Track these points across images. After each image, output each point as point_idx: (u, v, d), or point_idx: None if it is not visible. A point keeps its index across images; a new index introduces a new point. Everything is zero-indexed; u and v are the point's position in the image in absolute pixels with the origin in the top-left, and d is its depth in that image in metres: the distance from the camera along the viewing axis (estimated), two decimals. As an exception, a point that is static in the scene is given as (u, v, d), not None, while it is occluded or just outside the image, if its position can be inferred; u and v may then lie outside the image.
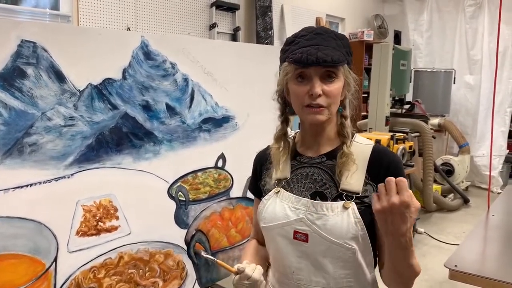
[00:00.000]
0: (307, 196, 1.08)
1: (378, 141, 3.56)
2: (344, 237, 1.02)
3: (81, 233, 1.54)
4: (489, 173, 3.17)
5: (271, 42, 4.53)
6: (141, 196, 1.71)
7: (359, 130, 4.52)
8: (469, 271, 1.55)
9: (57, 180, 1.48)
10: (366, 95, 4.87)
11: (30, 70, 1.42)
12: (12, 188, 1.38)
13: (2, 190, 1.36)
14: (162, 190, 1.79)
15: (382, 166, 1.06)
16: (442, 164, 5.44)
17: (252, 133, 2.10)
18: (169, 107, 1.81)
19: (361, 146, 1.11)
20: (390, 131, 4.25)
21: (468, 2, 6.02)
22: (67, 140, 1.51)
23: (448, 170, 5.39)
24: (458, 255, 1.70)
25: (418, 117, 4.96)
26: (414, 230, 4.16)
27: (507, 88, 5.76)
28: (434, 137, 4.87)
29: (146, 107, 1.73)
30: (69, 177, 1.52)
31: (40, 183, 1.45)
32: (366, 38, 5.74)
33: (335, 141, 1.13)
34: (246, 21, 4.55)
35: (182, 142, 1.83)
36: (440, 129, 5.51)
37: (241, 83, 2.09)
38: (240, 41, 4.34)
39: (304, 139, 1.17)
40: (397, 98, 5.06)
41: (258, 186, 1.24)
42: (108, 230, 1.61)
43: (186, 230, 1.86)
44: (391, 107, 4.72)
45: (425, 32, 6.43)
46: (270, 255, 1.19)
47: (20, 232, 1.40)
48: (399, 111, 5.17)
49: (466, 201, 5.15)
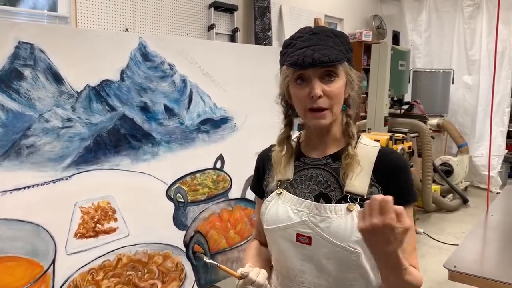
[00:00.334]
0: (311, 198, 1.06)
1: (377, 141, 3.55)
2: (347, 240, 1.00)
3: (79, 235, 1.53)
4: (488, 173, 3.17)
5: (270, 43, 4.53)
6: (139, 197, 1.71)
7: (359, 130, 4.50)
8: (468, 272, 1.54)
9: (55, 182, 1.48)
10: (365, 96, 4.87)
11: (27, 72, 1.42)
12: (9, 190, 1.38)
13: (0, 192, 1.36)
14: (160, 191, 1.78)
15: (388, 168, 1.05)
16: (441, 164, 5.44)
17: (250, 134, 2.10)
18: (167, 108, 1.81)
19: (366, 148, 1.10)
20: (389, 132, 4.25)
21: (466, 2, 6.03)
22: (65, 141, 1.51)
23: (447, 170, 5.39)
24: (457, 256, 1.70)
25: (417, 117, 4.96)
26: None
27: (506, 88, 5.77)
28: (433, 137, 4.88)
29: (144, 109, 1.73)
30: (67, 179, 1.51)
31: (38, 185, 1.44)
32: (364, 39, 5.74)
33: (341, 141, 1.11)
34: (244, 22, 4.55)
35: (180, 144, 1.83)
36: (439, 129, 5.51)
37: (239, 84, 2.09)
38: (238, 42, 4.34)
39: (309, 140, 1.15)
40: (395, 99, 5.06)
41: (261, 186, 1.22)
42: (106, 232, 1.61)
43: (184, 232, 1.86)
44: (390, 108, 4.72)
45: (423, 32, 6.44)
46: (273, 257, 1.17)
47: (17, 234, 1.39)
48: (398, 112, 5.18)
49: (465, 201, 5.15)
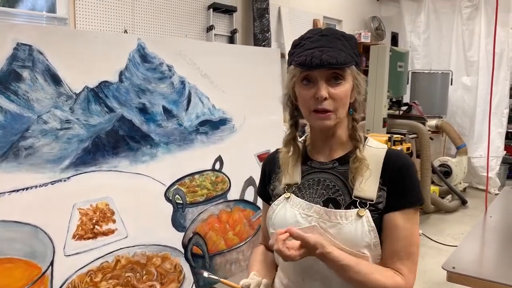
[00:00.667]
0: (319, 203, 1.05)
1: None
2: (358, 245, 0.99)
3: (77, 236, 1.53)
4: (486, 174, 3.17)
5: (269, 44, 4.53)
6: (138, 199, 1.70)
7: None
8: (467, 273, 1.54)
9: (53, 183, 1.48)
10: (363, 97, 4.87)
11: (26, 73, 1.42)
12: (8, 191, 1.38)
13: (-2, 194, 1.36)
14: (159, 193, 1.78)
15: (394, 170, 1.04)
16: (440, 165, 5.44)
17: (249, 135, 2.10)
18: (166, 110, 1.81)
19: (374, 150, 1.08)
20: (387, 133, 4.25)
21: (464, 3, 6.04)
22: (63, 143, 1.51)
23: (445, 172, 5.39)
24: (456, 257, 1.70)
25: (416, 118, 4.96)
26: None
27: (504, 89, 5.77)
28: (431, 138, 4.87)
29: (143, 110, 1.73)
30: (65, 180, 1.51)
31: (36, 187, 1.44)
32: (363, 40, 5.75)
33: (347, 145, 1.10)
34: (243, 23, 4.55)
35: (179, 145, 1.83)
36: (437, 130, 5.51)
37: (238, 85, 2.09)
38: (237, 43, 4.34)
39: (315, 143, 1.14)
40: (394, 100, 5.06)
41: (266, 190, 1.20)
42: (104, 234, 1.61)
43: (183, 233, 1.86)
44: (389, 109, 4.72)
45: (422, 33, 6.44)
46: (279, 262, 1.16)
47: (16, 236, 1.39)
48: (397, 113, 5.17)
49: (464, 202, 5.15)
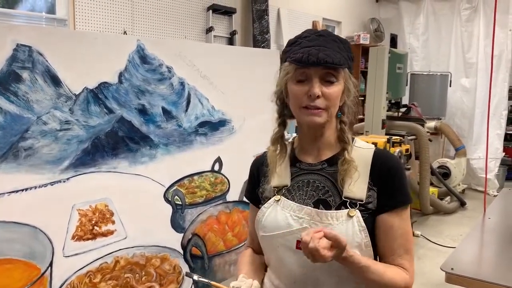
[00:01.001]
0: (310, 204, 1.05)
1: (374, 144, 3.56)
2: (349, 246, 0.99)
3: (76, 237, 1.53)
4: (485, 175, 3.17)
5: (268, 46, 4.54)
6: (137, 200, 1.71)
7: (354, 133, 4.51)
8: (465, 274, 1.54)
9: (52, 184, 1.48)
10: (362, 98, 4.88)
11: (25, 74, 1.42)
12: (7, 192, 1.38)
13: (-3, 194, 1.36)
14: (158, 194, 1.78)
15: (383, 169, 1.05)
16: (439, 167, 5.45)
17: (248, 136, 2.10)
18: (165, 111, 1.81)
19: (361, 151, 1.09)
20: (386, 134, 4.25)
21: (463, 5, 6.05)
22: (63, 144, 1.51)
23: (444, 173, 5.40)
24: (454, 258, 1.70)
25: (415, 120, 4.96)
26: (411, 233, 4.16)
27: (503, 91, 5.78)
28: (430, 140, 4.88)
29: (142, 111, 1.73)
30: (64, 181, 1.51)
31: (35, 188, 1.44)
32: (362, 42, 5.76)
33: (335, 146, 1.10)
34: (242, 24, 4.56)
35: (178, 146, 1.83)
36: (436, 132, 5.52)
37: (237, 87, 2.10)
38: (236, 44, 4.34)
39: (303, 144, 1.14)
40: (393, 101, 5.07)
41: (255, 193, 1.20)
42: (104, 235, 1.61)
43: (182, 234, 1.86)
44: (388, 110, 4.73)
45: (421, 35, 6.45)
46: (270, 265, 1.16)
47: (15, 236, 1.39)
48: (396, 114, 5.18)
49: (462, 203, 5.16)
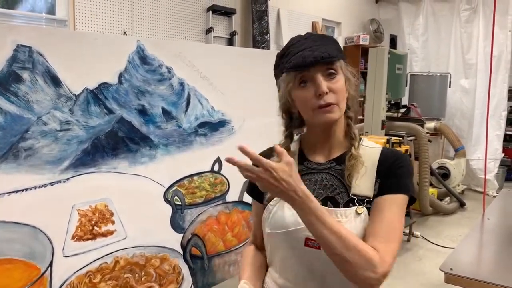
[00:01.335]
0: (319, 201, 1.03)
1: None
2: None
3: (76, 237, 1.54)
4: (484, 176, 3.18)
5: (268, 46, 4.54)
6: (137, 200, 1.71)
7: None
8: (464, 275, 1.55)
9: (52, 184, 1.48)
10: (362, 99, 4.88)
11: (25, 75, 1.42)
12: (7, 192, 1.38)
13: (-3, 194, 1.36)
14: (158, 194, 1.79)
15: (389, 163, 1.06)
16: (438, 167, 5.45)
17: (248, 137, 2.11)
18: (165, 112, 1.81)
19: (369, 150, 1.10)
20: (386, 135, 4.26)
21: (463, 6, 6.06)
22: (63, 144, 1.51)
23: (444, 174, 5.40)
24: (454, 259, 1.70)
25: (414, 120, 4.97)
26: (411, 233, 4.16)
27: (502, 92, 5.79)
28: (430, 140, 4.88)
29: (142, 112, 1.74)
30: (64, 181, 1.51)
31: (35, 188, 1.44)
32: (362, 42, 5.77)
33: (344, 144, 1.11)
34: (242, 25, 4.57)
35: (178, 146, 1.83)
36: (436, 132, 5.53)
37: (237, 87, 2.10)
38: (236, 45, 4.35)
39: (313, 144, 1.14)
40: (393, 102, 5.07)
41: (256, 189, 1.14)
42: (103, 235, 1.61)
43: (182, 235, 1.86)
44: (387, 111, 4.73)
45: (420, 36, 6.46)
46: (276, 263, 1.14)
47: (15, 236, 1.39)
48: (395, 115, 5.18)
49: (462, 204, 5.16)
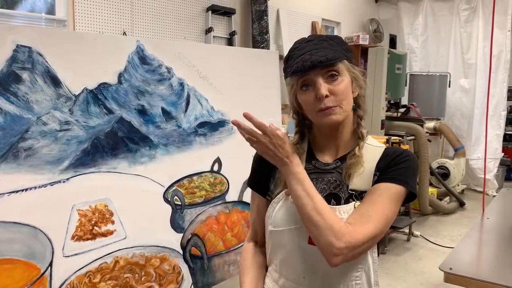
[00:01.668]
0: (322, 197, 1.04)
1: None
2: None
3: (76, 237, 1.54)
4: (483, 176, 3.18)
5: (267, 46, 4.55)
6: (136, 200, 1.71)
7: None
8: (464, 274, 1.55)
9: (52, 184, 1.48)
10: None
11: (25, 75, 1.42)
12: (7, 192, 1.38)
13: (-3, 195, 1.36)
14: (157, 194, 1.79)
15: (389, 158, 1.06)
16: (438, 167, 5.46)
17: (247, 137, 2.11)
18: (164, 112, 1.81)
19: (372, 148, 1.11)
20: (385, 135, 4.26)
21: (462, 6, 6.06)
22: (63, 144, 1.51)
23: (443, 173, 5.41)
24: (453, 258, 1.70)
25: (414, 120, 4.97)
26: (410, 233, 4.17)
27: (502, 91, 5.79)
28: (429, 140, 4.89)
29: (142, 112, 1.74)
30: (64, 181, 1.52)
31: (35, 188, 1.44)
32: (361, 42, 5.76)
33: (351, 143, 1.12)
34: (242, 25, 4.57)
35: (177, 146, 1.83)
36: (435, 132, 5.53)
37: (237, 87, 2.10)
38: (236, 45, 4.35)
39: (321, 143, 1.15)
40: (392, 102, 5.08)
41: (265, 183, 1.17)
42: (103, 235, 1.61)
43: (182, 234, 1.86)
44: (387, 111, 4.74)
45: (420, 36, 6.46)
46: (276, 261, 1.14)
47: (15, 236, 1.40)
48: (395, 115, 5.19)
49: (461, 204, 5.17)
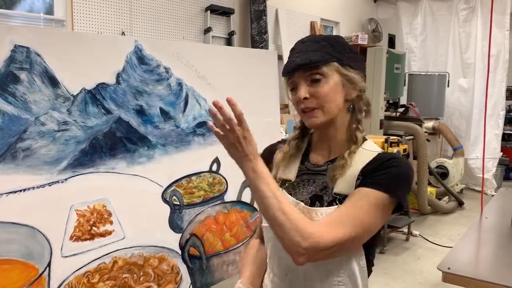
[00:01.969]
0: (307, 199, 1.06)
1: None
2: None
3: (75, 237, 1.54)
4: (482, 175, 3.19)
5: (266, 46, 4.55)
6: (135, 200, 1.71)
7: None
8: (462, 274, 1.55)
9: (50, 185, 1.48)
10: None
11: (23, 75, 1.42)
12: (5, 193, 1.38)
13: (-5, 195, 1.36)
14: (156, 194, 1.79)
15: (377, 163, 1.02)
16: (437, 167, 5.46)
17: (246, 137, 2.11)
18: (163, 112, 1.81)
19: (366, 153, 1.06)
20: (384, 135, 4.27)
21: (461, 6, 6.06)
22: (61, 145, 1.51)
23: (442, 173, 5.42)
24: (451, 258, 1.71)
25: (412, 120, 4.98)
26: (409, 233, 4.17)
27: (500, 91, 5.79)
28: (428, 140, 4.89)
29: (140, 112, 1.74)
30: (62, 182, 1.51)
31: (33, 188, 1.44)
32: (360, 42, 5.76)
33: (345, 145, 1.08)
34: (241, 25, 4.57)
35: (176, 146, 1.83)
36: (434, 132, 5.54)
37: (235, 87, 2.10)
38: (235, 45, 4.35)
39: (315, 144, 1.16)
40: (391, 102, 5.08)
41: None
42: (102, 235, 1.61)
43: (180, 235, 1.86)
44: (386, 111, 4.75)
45: (419, 35, 6.46)
46: (268, 255, 1.17)
47: (13, 237, 1.39)
48: (394, 115, 5.19)
49: (460, 203, 5.17)
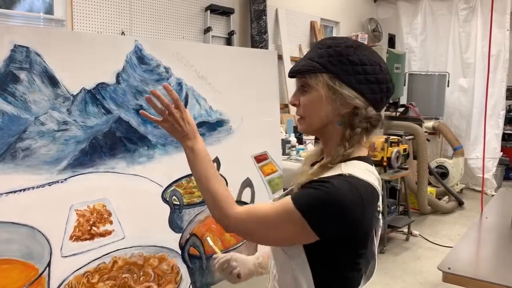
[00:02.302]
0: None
1: (372, 144, 3.59)
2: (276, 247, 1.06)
3: (74, 237, 1.54)
4: (482, 175, 3.19)
5: (266, 46, 4.55)
6: (135, 200, 1.71)
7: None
8: (462, 274, 1.55)
9: (50, 185, 1.48)
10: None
11: (23, 75, 1.42)
12: (5, 193, 1.38)
13: (-5, 195, 1.36)
14: (156, 194, 1.79)
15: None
16: (437, 166, 5.46)
17: (246, 137, 2.11)
18: (163, 111, 1.81)
19: (333, 170, 0.97)
20: (384, 134, 4.27)
21: (461, 5, 6.06)
22: (61, 144, 1.51)
23: (442, 173, 5.42)
24: (452, 258, 1.71)
25: (412, 120, 4.98)
26: (409, 233, 4.17)
27: (500, 91, 5.80)
28: (428, 140, 4.90)
29: (140, 111, 1.73)
30: (62, 181, 1.51)
31: (33, 188, 1.44)
32: (360, 42, 5.77)
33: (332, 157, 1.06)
34: (240, 25, 4.57)
35: (176, 146, 1.83)
36: (434, 132, 5.54)
37: (235, 87, 2.10)
38: (234, 45, 4.35)
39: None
40: (391, 101, 5.09)
41: None
42: (102, 235, 1.61)
43: (180, 234, 1.86)
44: (385, 110, 4.75)
45: (419, 35, 6.47)
46: None
47: (13, 237, 1.39)
48: (394, 114, 5.19)
49: (460, 203, 5.17)
